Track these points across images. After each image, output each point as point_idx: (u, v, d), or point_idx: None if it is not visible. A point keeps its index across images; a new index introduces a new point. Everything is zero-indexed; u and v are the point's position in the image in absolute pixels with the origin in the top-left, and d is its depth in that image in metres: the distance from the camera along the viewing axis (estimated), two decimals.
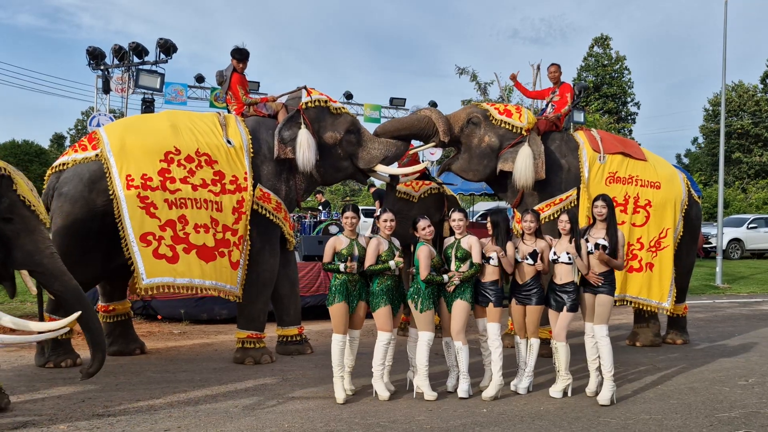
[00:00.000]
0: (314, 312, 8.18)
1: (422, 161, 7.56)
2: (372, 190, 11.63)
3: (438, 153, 7.21)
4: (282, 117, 6.65)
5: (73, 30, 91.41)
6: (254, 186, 6.43)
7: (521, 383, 5.38)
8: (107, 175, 5.94)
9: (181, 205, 6.06)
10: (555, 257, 5.26)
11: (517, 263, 5.32)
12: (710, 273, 15.21)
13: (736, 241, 20.80)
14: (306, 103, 6.70)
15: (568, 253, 5.18)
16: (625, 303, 7.05)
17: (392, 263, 5.08)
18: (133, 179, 5.95)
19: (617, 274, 5.68)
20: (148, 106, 14.70)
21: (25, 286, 4.97)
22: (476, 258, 5.22)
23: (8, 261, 4.53)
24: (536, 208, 6.26)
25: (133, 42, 14.50)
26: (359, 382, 5.35)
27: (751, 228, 21.68)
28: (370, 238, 5.25)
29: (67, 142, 38.43)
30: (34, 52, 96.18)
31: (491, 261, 5.25)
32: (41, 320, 4.97)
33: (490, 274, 5.27)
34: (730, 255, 20.03)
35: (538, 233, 5.44)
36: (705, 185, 35.00)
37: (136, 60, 14.64)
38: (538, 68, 16.93)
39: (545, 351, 6.01)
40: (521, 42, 69.41)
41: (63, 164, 6.29)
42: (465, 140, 6.96)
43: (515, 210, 6.91)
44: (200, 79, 16.70)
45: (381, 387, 5.14)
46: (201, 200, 6.15)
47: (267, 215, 6.47)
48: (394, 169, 7.11)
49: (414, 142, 7.39)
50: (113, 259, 5.99)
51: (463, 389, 5.21)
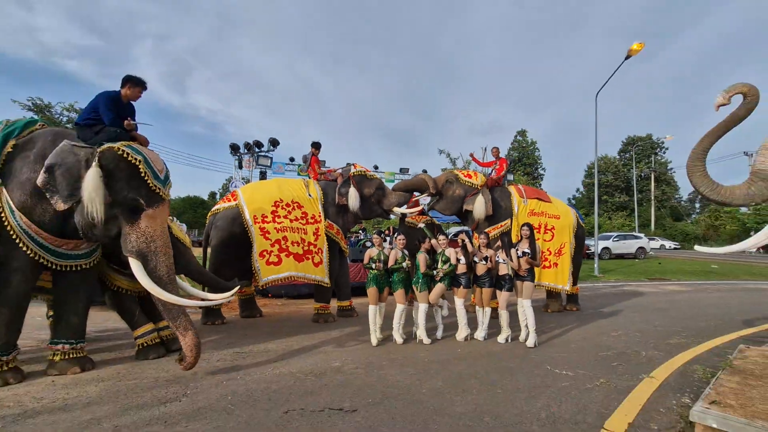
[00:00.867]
0: (355, 292, 8.13)
1: (421, 205, 7.57)
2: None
3: (428, 199, 7.16)
4: (340, 180, 6.72)
5: (222, 133, 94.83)
6: (324, 220, 6.49)
7: (479, 334, 5.32)
8: (242, 216, 6.09)
9: (284, 230, 6.16)
10: (498, 259, 5.25)
11: (475, 263, 5.31)
12: (591, 267, 14.86)
13: (606, 249, 20.42)
14: (353, 173, 6.78)
15: (504, 258, 5.19)
16: (540, 286, 6.93)
17: (404, 264, 5.10)
18: (257, 217, 6.07)
19: (536, 270, 5.63)
20: (263, 176, 14.95)
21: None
22: (453, 261, 5.22)
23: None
24: (486, 231, 6.24)
25: (255, 140, 14.90)
26: (384, 333, 5.32)
27: (616, 240, 21.27)
28: (391, 249, 5.29)
29: (218, 196, 39.09)
30: (201, 145, 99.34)
31: (501, 261, 5.21)
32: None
33: (503, 270, 5.23)
34: (603, 256, 19.63)
35: (489, 245, 5.44)
36: (586, 215, 34.53)
37: (257, 149, 14.99)
38: (485, 149, 17.16)
39: (494, 315, 5.94)
40: (475, 134, 70.42)
41: (218, 209, 6.44)
42: (444, 191, 6.98)
43: (474, 231, 6.89)
44: (292, 159, 17.03)
45: (397, 336, 5.12)
46: (294, 228, 6.23)
47: (332, 237, 6.51)
48: (404, 210, 7.13)
49: (415, 193, 7.44)
50: (245, 263, 6.02)
51: (439, 333, 5.35)
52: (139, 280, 3.55)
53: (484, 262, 5.25)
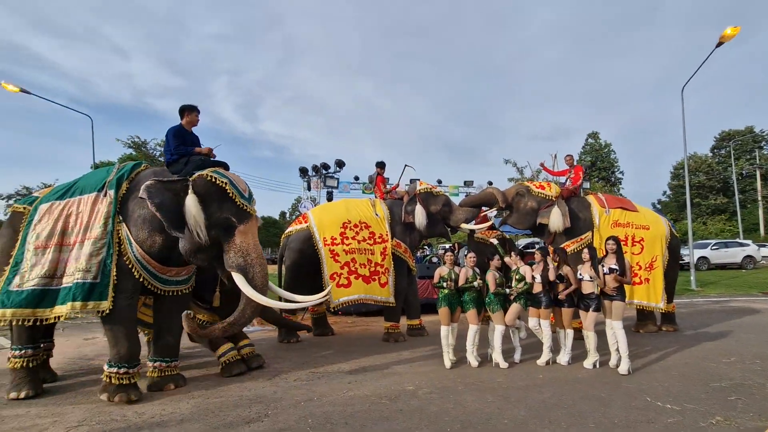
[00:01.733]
0: (423, 309, 7.94)
1: (490, 220, 7.29)
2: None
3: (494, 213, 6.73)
4: (406, 199, 6.71)
5: (289, 155, 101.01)
6: (392, 239, 6.50)
7: (562, 358, 4.91)
8: (313, 237, 6.31)
9: (352, 252, 6.26)
10: (580, 276, 4.84)
11: (581, 280, 4.80)
12: (686, 280, 13.20)
13: (704, 258, 18.08)
14: (419, 190, 6.74)
15: (589, 274, 4.75)
16: (632, 305, 6.25)
17: (475, 283, 4.91)
18: (326, 239, 6.25)
19: (627, 287, 5.11)
20: (330, 196, 15.44)
21: None
22: (528, 279, 4.92)
23: None
24: (563, 246, 5.82)
25: (322, 162, 15.46)
26: (457, 355, 5.09)
27: (715, 248, 18.73)
28: (461, 268, 5.11)
29: (287, 216, 41.29)
30: (270, 168, 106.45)
31: (587, 278, 4.71)
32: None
33: (588, 288, 4.74)
34: (700, 267, 17.39)
35: (567, 261, 5.03)
36: (675, 221, 31.03)
37: (324, 171, 15.56)
38: (554, 156, 16.15)
39: (577, 336, 5.45)
40: (538, 139, 66.90)
41: (290, 231, 6.76)
42: (515, 205, 6.63)
43: (549, 246, 6.42)
44: (357, 178, 17.44)
45: (472, 358, 4.90)
46: (362, 249, 6.31)
47: (400, 256, 6.49)
48: (472, 226, 6.92)
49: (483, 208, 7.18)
50: (317, 282, 6.12)
51: (517, 356, 5.03)
52: (243, 290, 3.88)
53: (559, 281, 4.88)
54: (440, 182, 17.68)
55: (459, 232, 7.31)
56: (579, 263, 4.93)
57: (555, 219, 6.15)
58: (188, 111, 4.40)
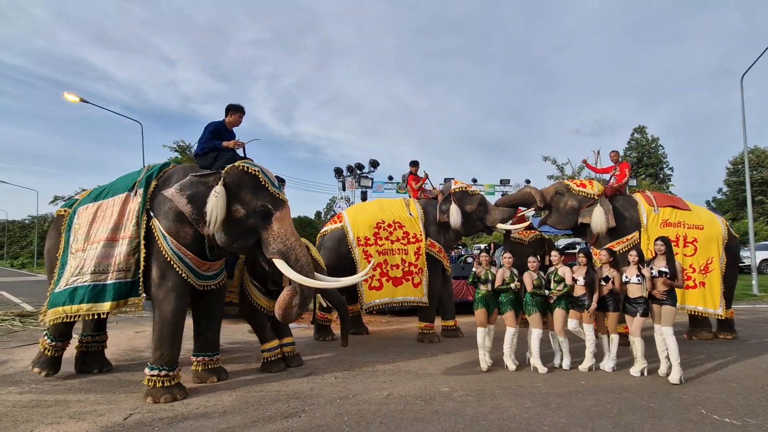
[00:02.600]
0: (458, 309, 7.78)
1: (528, 220, 7.08)
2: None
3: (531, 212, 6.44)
4: (440, 198, 6.64)
5: (323, 155, 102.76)
6: (426, 239, 6.45)
7: (606, 364, 4.68)
8: (347, 237, 6.37)
9: (385, 253, 6.27)
10: (626, 279, 4.59)
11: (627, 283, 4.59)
12: (747, 284, 12.21)
13: (767, 261, 16.71)
14: (454, 189, 6.65)
15: (637, 276, 4.49)
16: (684, 310, 5.85)
17: (513, 285, 4.77)
18: (360, 239, 6.29)
19: (678, 291, 4.79)
20: (364, 196, 15.52)
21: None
22: (568, 281, 4.73)
23: None
24: (608, 246, 5.54)
25: (357, 162, 15.54)
26: (494, 357, 4.98)
27: None
28: (498, 268, 4.99)
29: (323, 216, 42.02)
30: (305, 168, 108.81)
31: (635, 281, 4.49)
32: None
33: (635, 291, 4.51)
34: (763, 270, 16.07)
35: (612, 263, 4.79)
36: (733, 220, 28.76)
37: (358, 171, 15.67)
38: (598, 152, 15.40)
39: (623, 342, 5.17)
40: (582, 136, 63.75)
41: (325, 231, 6.83)
42: (555, 204, 6.39)
43: (593, 247, 6.15)
44: (390, 178, 17.43)
45: (509, 362, 4.77)
46: (396, 249, 6.30)
47: (434, 256, 6.43)
48: (508, 226, 6.74)
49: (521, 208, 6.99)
50: None
51: (566, 363, 4.75)
52: (287, 275, 3.85)
53: (604, 283, 4.65)
54: (475, 181, 17.38)
55: (495, 233, 7.16)
56: (624, 265, 4.68)
57: (597, 218, 5.86)
58: (233, 110, 4.47)
